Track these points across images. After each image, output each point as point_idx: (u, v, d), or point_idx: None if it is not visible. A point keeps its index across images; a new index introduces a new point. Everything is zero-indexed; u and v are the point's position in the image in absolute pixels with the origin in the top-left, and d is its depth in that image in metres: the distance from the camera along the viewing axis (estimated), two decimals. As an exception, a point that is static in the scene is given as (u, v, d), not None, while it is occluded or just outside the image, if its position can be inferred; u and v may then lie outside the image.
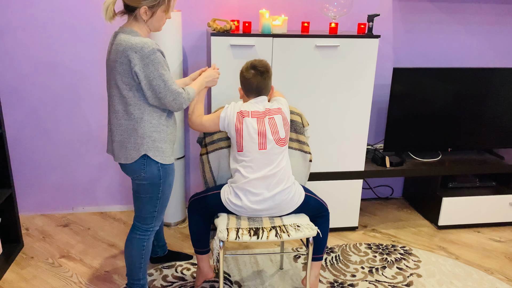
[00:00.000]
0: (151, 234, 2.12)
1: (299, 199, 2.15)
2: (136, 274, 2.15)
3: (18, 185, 3.06)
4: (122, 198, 3.22)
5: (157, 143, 1.93)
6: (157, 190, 2.00)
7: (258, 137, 2.05)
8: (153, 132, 1.91)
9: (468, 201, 3.06)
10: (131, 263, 2.13)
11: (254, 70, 2.10)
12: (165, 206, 2.10)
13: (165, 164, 1.98)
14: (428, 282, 2.50)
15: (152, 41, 1.84)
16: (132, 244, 2.10)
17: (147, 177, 1.96)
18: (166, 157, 1.97)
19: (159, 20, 1.91)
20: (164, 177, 2.00)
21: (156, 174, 1.96)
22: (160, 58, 1.83)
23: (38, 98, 2.90)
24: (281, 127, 2.10)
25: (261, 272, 2.56)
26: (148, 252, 2.14)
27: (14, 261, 2.60)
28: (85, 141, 3.04)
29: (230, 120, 2.09)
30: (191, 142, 3.15)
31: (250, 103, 2.12)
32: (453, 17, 3.15)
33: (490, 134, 3.15)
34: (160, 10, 1.88)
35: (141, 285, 2.19)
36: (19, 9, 2.72)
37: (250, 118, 2.06)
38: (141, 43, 1.80)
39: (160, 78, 1.83)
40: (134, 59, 1.80)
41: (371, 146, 3.29)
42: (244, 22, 2.54)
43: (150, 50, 1.80)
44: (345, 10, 2.66)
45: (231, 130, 2.09)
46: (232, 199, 2.11)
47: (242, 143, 2.06)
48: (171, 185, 2.06)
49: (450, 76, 2.97)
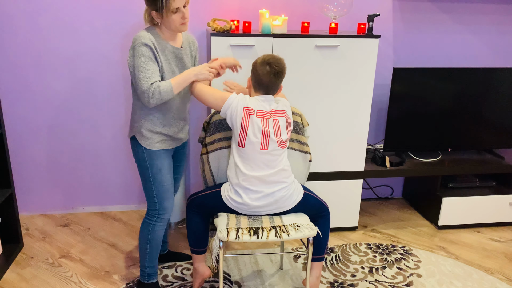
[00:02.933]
0: (157, 221, 2.21)
1: (297, 196, 2.15)
2: (143, 259, 2.27)
3: (18, 185, 3.06)
4: (122, 198, 3.22)
5: (143, 129, 2.08)
6: (146, 172, 2.13)
7: (261, 137, 2.05)
8: (141, 119, 2.08)
9: (468, 201, 3.06)
10: (140, 247, 2.27)
11: (269, 67, 2.05)
12: (165, 193, 2.17)
13: (149, 149, 2.10)
14: (428, 282, 2.50)
15: (147, 36, 1.95)
16: (141, 227, 2.25)
17: (135, 158, 2.16)
18: (150, 143, 2.09)
19: (170, 21, 1.96)
20: (149, 160, 2.11)
21: (141, 156, 2.12)
22: (143, 51, 1.93)
23: (38, 98, 2.90)
24: (284, 129, 2.09)
25: (261, 272, 2.56)
26: (155, 242, 2.24)
27: (14, 261, 2.59)
28: (86, 141, 3.04)
29: (234, 112, 2.04)
30: (191, 142, 3.15)
31: (257, 100, 2.07)
32: (453, 17, 3.16)
33: (490, 134, 3.15)
34: (165, 12, 1.93)
35: (146, 274, 2.29)
36: (19, 9, 2.72)
37: (255, 117, 2.04)
38: (136, 36, 1.96)
39: (136, 69, 1.94)
40: (130, 53, 1.99)
41: (371, 146, 3.29)
42: (244, 22, 2.54)
43: (138, 42, 1.94)
44: (345, 10, 2.66)
45: (236, 123, 2.05)
46: (232, 196, 2.11)
47: (245, 140, 2.05)
48: (161, 170, 2.13)
49: (450, 76, 2.97)
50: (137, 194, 3.23)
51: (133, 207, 3.26)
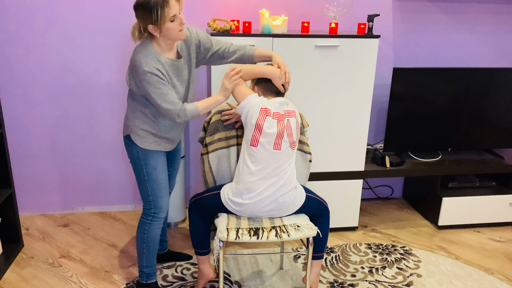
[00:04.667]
0: (153, 220, 2.21)
1: (300, 201, 2.15)
2: (140, 259, 2.27)
3: (18, 185, 3.06)
4: (122, 198, 3.22)
5: (139, 129, 2.07)
6: (141, 172, 2.13)
7: (275, 138, 2.05)
8: (138, 120, 2.07)
9: (468, 201, 3.06)
10: (137, 247, 2.27)
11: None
12: (159, 191, 2.17)
13: (144, 148, 2.09)
14: (428, 282, 2.50)
15: (148, 63, 1.92)
16: (138, 227, 2.25)
17: (130, 157, 2.14)
18: (144, 142, 2.09)
19: (169, 30, 1.91)
20: (144, 159, 2.11)
21: (136, 155, 2.11)
22: (150, 79, 1.92)
23: (38, 98, 2.91)
24: (295, 130, 2.10)
25: (261, 272, 2.56)
26: (152, 241, 2.24)
27: (14, 261, 2.60)
28: (86, 141, 3.04)
29: (251, 111, 2.04)
30: (191, 142, 3.15)
31: (274, 103, 2.08)
32: (453, 17, 3.16)
33: (490, 134, 3.15)
34: (162, 23, 1.88)
35: (145, 274, 2.29)
36: (19, 9, 2.72)
37: (271, 118, 2.05)
38: (136, 63, 1.93)
39: (150, 96, 1.96)
40: (135, 74, 1.96)
41: (371, 146, 3.29)
42: (244, 22, 2.54)
43: (141, 71, 1.92)
44: (345, 10, 2.66)
45: (250, 122, 2.05)
46: (232, 199, 2.10)
47: (258, 139, 2.04)
48: (155, 169, 2.13)
49: (450, 76, 2.97)
50: (137, 194, 3.23)
51: (133, 207, 3.26)
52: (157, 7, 1.84)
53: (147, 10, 1.85)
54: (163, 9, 1.84)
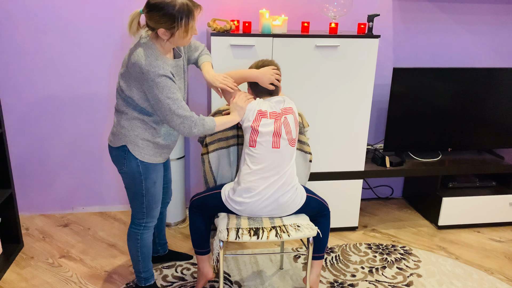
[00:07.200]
0: (144, 229, 2.14)
1: (300, 201, 2.15)
2: (136, 266, 2.23)
3: (18, 185, 3.06)
4: (122, 198, 3.22)
5: (139, 139, 1.95)
6: (139, 186, 2.02)
7: (273, 136, 2.05)
8: (137, 128, 1.95)
9: (468, 201, 3.06)
10: (131, 255, 2.21)
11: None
12: (155, 203, 2.11)
13: (145, 161, 1.99)
14: (428, 282, 2.50)
15: (161, 65, 1.81)
16: (129, 236, 2.17)
17: (126, 171, 1.99)
18: (145, 155, 1.98)
19: (180, 38, 1.84)
20: (145, 173, 2.00)
21: (135, 169, 1.98)
22: (164, 82, 1.80)
23: (38, 98, 2.90)
24: (293, 127, 2.10)
25: (261, 272, 2.56)
26: (146, 248, 2.18)
27: (14, 261, 2.59)
28: (85, 141, 3.04)
29: (247, 115, 2.06)
30: (191, 142, 3.15)
31: (270, 102, 2.10)
32: (453, 17, 3.16)
33: (490, 134, 3.15)
34: (179, 32, 1.81)
35: (143, 278, 2.25)
36: (19, 9, 2.72)
37: (268, 119, 2.05)
38: (146, 67, 1.80)
39: (161, 103, 1.83)
40: (141, 79, 1.82)
41: (371, 146, 3.29)
42: (244, 22, 2.54)
43: (154, 75, 1.79)
44: (345, 10, 2.66)
45: (247, 126, 2.07)
46: (233, 197, 2.10)
47: (255, 139, 2.05)
48: (155, 183, 2.06)
49: (450, 76, 2.97)
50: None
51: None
52: (182, 16, 1.76)
53: (167, 16, 1.76)
54: (187, 19, 1.77)
